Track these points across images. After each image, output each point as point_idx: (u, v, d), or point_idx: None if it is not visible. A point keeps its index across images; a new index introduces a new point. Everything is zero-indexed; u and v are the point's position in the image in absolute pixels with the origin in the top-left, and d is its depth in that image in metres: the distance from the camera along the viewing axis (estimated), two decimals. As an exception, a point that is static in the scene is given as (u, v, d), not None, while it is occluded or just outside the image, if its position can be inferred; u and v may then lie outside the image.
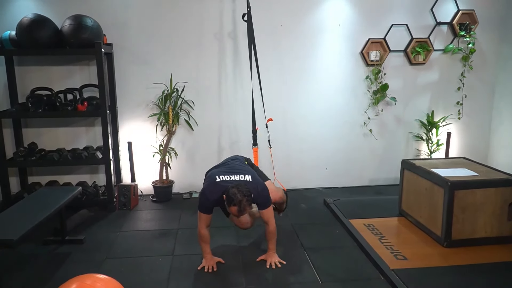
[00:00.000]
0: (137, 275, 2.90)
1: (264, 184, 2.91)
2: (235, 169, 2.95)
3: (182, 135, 4.51)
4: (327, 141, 4.70)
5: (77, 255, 3.20)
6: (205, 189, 2.84)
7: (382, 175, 4.85)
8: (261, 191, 2.84)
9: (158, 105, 4.31)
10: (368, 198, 4.39)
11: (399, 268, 2.87)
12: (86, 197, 4.09)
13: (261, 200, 2.86)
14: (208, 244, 2.98)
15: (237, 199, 2.62)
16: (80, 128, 4.38)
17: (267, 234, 3.01)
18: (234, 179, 2.80)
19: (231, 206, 2.64)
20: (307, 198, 4.46)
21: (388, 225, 3.65)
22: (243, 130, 4.48)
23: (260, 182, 2.89)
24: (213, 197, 2.78)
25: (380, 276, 2.85)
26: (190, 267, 3.01)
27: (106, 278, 2.18)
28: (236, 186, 2.66)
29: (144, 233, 3.61)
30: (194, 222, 3.44)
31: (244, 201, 2.62)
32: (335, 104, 4.63)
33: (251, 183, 2.80)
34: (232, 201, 2.62)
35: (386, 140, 4.78)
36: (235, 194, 2.62)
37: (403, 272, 2.82)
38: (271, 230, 2.97)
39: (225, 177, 2.81)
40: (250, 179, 2.82)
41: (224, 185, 2.75)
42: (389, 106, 4.70)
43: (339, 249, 3.27)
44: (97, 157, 4.06)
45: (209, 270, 2.92)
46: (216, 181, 2.80)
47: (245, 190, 2.65)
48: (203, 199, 2.82)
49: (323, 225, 3.75)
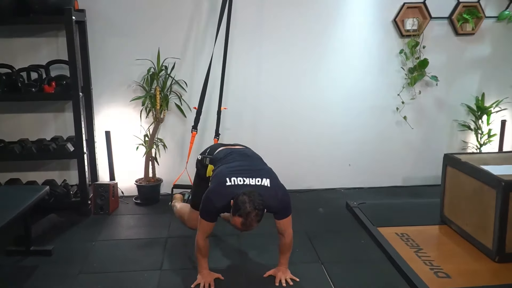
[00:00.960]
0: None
1: (284, 188, 2.90)
2: (250, 169, 2.92)
3: (173, 123, 4.51)
4: (351, 131, 4.70)
5: (45, 268, 3.21)
6: (211, 192, 2.83)
7: (419, 173, 4.84)
8: (281, 198, 2.84)
9: (142, 86, 4.32)
10: (401, 202, 4.38)
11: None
12: (55, 199, 4.11)
13: (281, 209, 2.87)
14: (206, 257, 3.00)
15: (245, 210, 2.61)
16: (47, 115, 4.38)
17: (281, 246, 3.02)
18: (249, 183, 2.79)
19: (236, 216, 2.65)
20: (325, 201, 4.47)
21: (427, 234, 3.64)
22: (245, 117, 4.51)
23: (281, 186, 2.89)
24: (221, 203, 2.78)
25: (416, 297, 2.85)
26: (182, 284, 3.01)
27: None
28: (248, 194, 2.65)
29: (126, 243, 3.62)
30: (187, 229, 3.44)
31: (253, 215, 2.63)
32: (361, 86, 4.62)
33: (269, 190, 2.80)
34: (238, 211, 2.63)
35: (424, 129, 4.77)
36: (244, 203, 2.62)
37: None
38: (287, 242, 2.98)
39: (237, 180, 2.80)
40: (269, 184, 2.82)
41: (236, 191, 2.73)
42: (429, 87, 4.68)
43: (364, 264, 3.26)
44: (68, 150, 4.06)
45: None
46: (226, 184, 2.79)
47: (258, 201, 2.64)
48: (209, 204, 2.81)
49: (345, 233, 3.75)
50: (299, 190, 4.67)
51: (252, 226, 2.67)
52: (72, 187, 4.30)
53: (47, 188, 3.43)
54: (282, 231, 2.95)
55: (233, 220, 2.68)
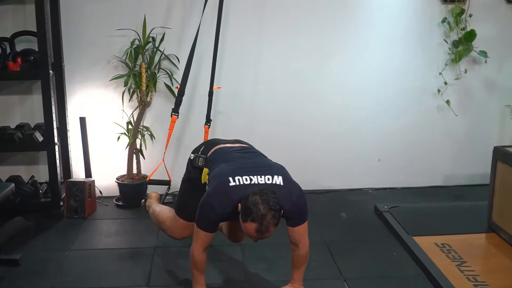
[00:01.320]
0: (96, 314, 2.98)
1: (300, 188, 2.88)
2: (257, 165, 2.91)
3: (161, 108, 4.54)
4: (380, 118, 4.72)
5: (12, 281, 3.24)
6: (211, 196, 2.78)
7: (464, 170, 4.85)
8: (296, 200, 2.81)
9: (125, 62, 4.33)
10: (441, 205, 4.40)
11: None
12: (21, 199, 4.13)
13: (296, 213, 2.84)
14: (203, 273, 2.99)
15: (259, 212, 2.57)
16: (10, 97, 4.42)
17: (295, 259, 3.00)
18: (257, 182, 2.76)
19: (248, 222, 2.61)
20: (349, 204, 4.49)
21: (471, 245, 3.65)
22: (249, 99, 4.53)
23: (295, 185, 2.87)
24: (224, 209, 2.75)
25: (457, 320, 2.90)
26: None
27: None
28: (259, 193, 2.62)
29: (106, 253, 3.65)
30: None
31: (269, 217, 2.58)
32: (394, 63, 4.64)
33: (283, 189, 2.78)
34: (250, 215, 2.59)
35: (470, 117, 4.78)
36: (256, 204, 2.58)
37: (490, 313, 2.87)
38: (302, 254, 2.96)
39: (243, 178, 2.77)
40: (281, 182, 2.80)
41: (242, 192, 2.70)
42: (477, 64, 4.68)
43: (396, 281, 3.28)
44: (36, 140, 4.09)
45: None
46: (229, 185, 2.75)
47: (273, 200, 2.61)
48: (208, 211, 2.77)
49: (372, 244, 3.78)
50: (317, 190, 4.70)
51: (269, 231, 2.63)
52: (41, 185, 4.33)
53: (12, 186, 3.44)
54: (296, 241, 2.92)
55: (245, 227, 2.64)
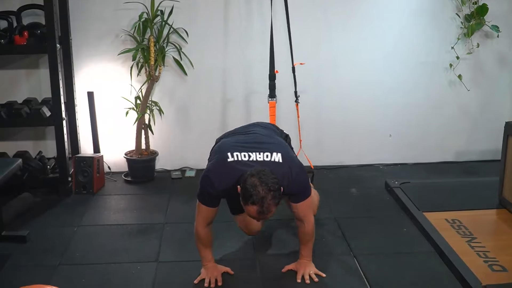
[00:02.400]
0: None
1: (300, 164, 2.92)
2: (257, 141, 2.94)
3: (170, 83, 4.52)
4: (391, 93, 4.69)
5: (19, 258, 3.26)
6: (209, 170, 2.84)
7: (475, 146, 4.84)
8: (296, 176, 2.83)
9: (133, 36, 4.31)
10: (453, 181, 4.39)
11: (495, 283, 2.87)
12: (29, 175, 4.14)
13: (297, 190, 2.87)
14: (209, 248, 3.02)
15: (259, 195, 2.59)
16: (18, 72, 4.41)
17: (301, 236, 3.03)
18: (255, 159, 2.79)
19: (249, 205, 2.63)
20: (360, 180, 4.49)
21: (482, 221, 3.65)
22: (261, 75, 4.43)
23: (295, 161, 2.91)
24: (222, 184, 2.79)
25: (468, 297, 2.90)
26: (183, 279, 3.04)
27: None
28: (257, 174, 2.64)
29: (115, 229, 3.66)
30: (189, 213, 3.43)
31: (269, 198, 2.61)
32: (406, 37, 4.60)
33: (282, 166, 2.80)
34: (250, 197, 2.61)
35: (483, 91, 4.76)
36: (255, 186, 2.60)
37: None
38: (308, 230, 2.98)
39: (241, 155, 2.80)
40: (280, 159, 2.82)
41: (240, 168, 2.75)
42: (489, 39, 4.64)
43: (407, 257, 3.28)
44: (44, 115, 4.08)
45: (211, 285, 2.95)
46: (227, 160, 2.80)
47: (272, 180, 2.63)
48: (206, 185, 2.83)
49: (383, 220, 3.77)
50: (327, 166, 4.70)
51: (271, 211, 2.65)
52: (49, 160, 4.34)
53: (19, 162, 3.45)
54: (301, 217, 2.95)
55: (247, 210, 2.68)
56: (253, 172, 2.64)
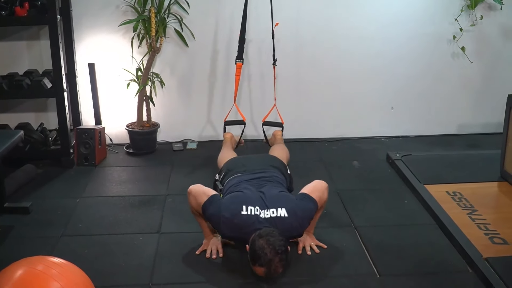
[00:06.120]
0: (106, 261, 2.97)
1: (303, 208, 2.95)
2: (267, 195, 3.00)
3: (172, 54, 4.51)
4: (393, 65, 4.68)
5: (21, 229, 3.28)
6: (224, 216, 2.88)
7: (478, 119, 4.85)
8: (301, 219, 2.92)
9: (134, 7, 4.28)
10: (455, 154, 4.40)
11: (495, 256, 2.90)
12: (31, 147, 4.16)
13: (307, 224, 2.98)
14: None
15: (266, 257, 2.67)
16: (18, 43, 4.40)
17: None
18: (264, 216, 2.87)
19: (257, 266, 2.72)
20: (361, 152, 4.50)
21: (483, 193, 3.66)
22: (262, 45, 4.47)
23: (299, 205, 2.95)
24: (231, 232, 2.90)
25: (468, 268, 2.89)
26: (184, 250, 3.06)
27: (63, 263, 2.22)
28: (265, 236, 2.71)
29: (116, 201, 3.68)
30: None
31: (276, 261, 2.69)
32: (409, 8, 4.57)
33: (288, 219, 2.88)
34: (258, 259, 2.70)
35: (486, 64, 4.74)
36: (262, 249, 2.68)
37: (500, 262, 2.84)
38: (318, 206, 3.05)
39: (254, 209, 2.89)
40: (285, 214, 2.89)
41: (250, 223, 2.84)
42: (493, 11, 4.60)
43: (408, 228, 3.30)
44: (45, 87, 4.08)
45: (212, 256, 2.98)
46: (241, 213, 2.87)
47: (278, 243, 2.70)
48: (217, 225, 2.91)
49: (384, 192, 3.78)
50: (328, 138, 4.70)
51: (278, 272, 2.75)
52: (50, 132, 4.35)
53: (21, 133, 3.45)
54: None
55: (255, 270, 2.76)
56: (262, 234, 2.72)
